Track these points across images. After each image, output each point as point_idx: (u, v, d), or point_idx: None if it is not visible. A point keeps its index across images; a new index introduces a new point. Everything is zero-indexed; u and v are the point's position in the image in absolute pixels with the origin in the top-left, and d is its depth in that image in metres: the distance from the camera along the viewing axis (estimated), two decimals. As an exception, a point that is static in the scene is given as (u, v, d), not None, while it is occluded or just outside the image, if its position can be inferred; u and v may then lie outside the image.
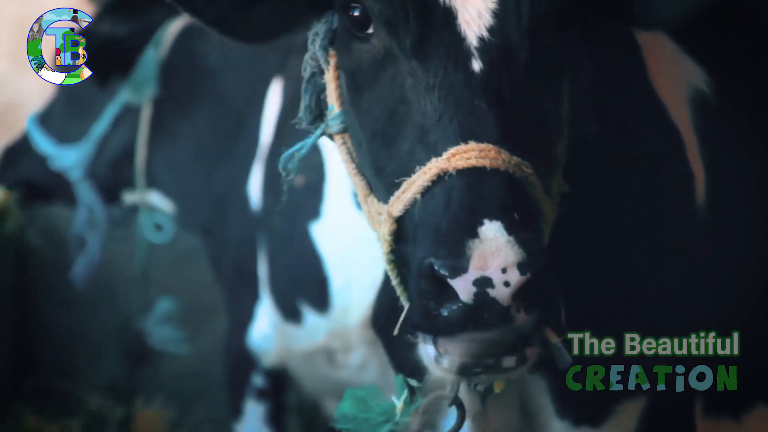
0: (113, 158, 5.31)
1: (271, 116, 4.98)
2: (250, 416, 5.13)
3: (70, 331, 6.54)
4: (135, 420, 6.31)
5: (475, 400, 2.93)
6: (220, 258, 5.24)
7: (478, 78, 2.60)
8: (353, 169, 2.83)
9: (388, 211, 2.64)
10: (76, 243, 5.47)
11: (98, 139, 5.28)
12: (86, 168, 5.30)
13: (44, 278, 6.49)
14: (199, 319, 6.12)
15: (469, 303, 2.45)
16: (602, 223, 2.96)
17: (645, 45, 3.12)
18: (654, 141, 3.06)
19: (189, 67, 5.24)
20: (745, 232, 3.20)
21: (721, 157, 3.18)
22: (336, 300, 4.76)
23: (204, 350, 6.03)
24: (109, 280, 6.49)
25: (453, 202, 2.52)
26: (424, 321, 2.51)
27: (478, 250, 2.44)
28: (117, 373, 6.42)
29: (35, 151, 5.40)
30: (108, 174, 5.34)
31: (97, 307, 6.52)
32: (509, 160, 2.54)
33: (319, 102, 2.95)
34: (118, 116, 5.28)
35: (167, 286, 6.02)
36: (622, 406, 2.98)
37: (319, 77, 2.94)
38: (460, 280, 2.44)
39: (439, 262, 2.45)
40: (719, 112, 3.24)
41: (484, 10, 2.63)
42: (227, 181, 5.13)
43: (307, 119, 2.96)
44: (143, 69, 5.23)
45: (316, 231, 4.74)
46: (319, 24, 2.89)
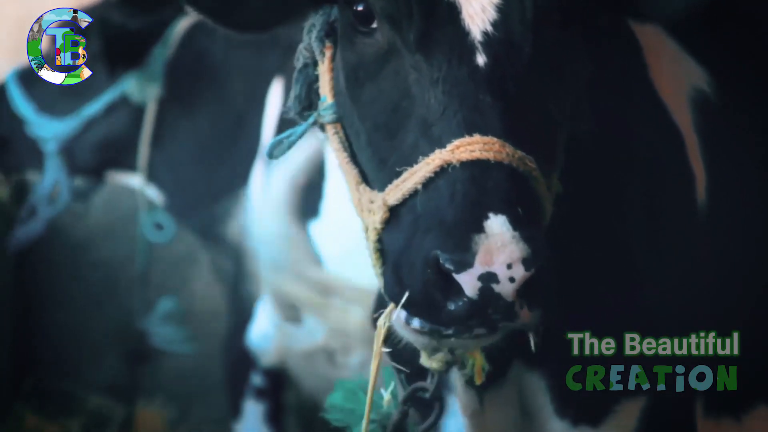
0: (97, 141, 5.31)
1: (272, 116, 4.98)
2: (250, 415, 5.13)
3: (71, 331, 6.54)
4: (135, 420, 6.31)
5: (473, 399, 2.93)
6: (219, 258, 5.24)
7: (482, 72, 2.60)
8: (345, 158, 2.82)
9: (384, 198, 2.63)
10: (27, 212, 5.46)
11: (86, 120, 5.28)
12: (63, 143, 5.29)
13: (44, 278, 6.49)
14: (199, 320, 6.12)
15: (474, 298, 2.45)
16: (602, 222, 2.96)
17: (646, 44, 3.12)
18: (655, 141, 3.06)
19: (193, 66, 5.25)
20: (745, 232, 3.20)
21: (721, 157, 3.17)
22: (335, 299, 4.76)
23: (204, 350, 6.03)
24: (109, 280, 6.49)
25: (457, 195, 2.51)
26: (427, 312, 2.51)
27: (484, 245, 2.44)
28: (117, 373, 6.41)
29: (10, 107, 5.37)
30: (87, 155, 5.33)
31: (97, 307, 6.52)
32: (513, 154, 2.54)
33: (310, 92, 2.94)
34: (112, 103, 5.28)
35: (167, 286, 6.02)
36: (621, 406, 2.98)
37: (311, 68, 2.94)
38: (465, 275, 2.44)
39: (444, 256, 2.45)
40: (720, 112, 3.23)
41: (488, 5, 2.63)
42: (228, 181, 5.13)
43: (296, 109, 2.96)
44: (151, 66, 5.23)
45: (315, 230, 4.74)
46: (317, 15, 2.89)
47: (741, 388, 3.00)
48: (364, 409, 2.87)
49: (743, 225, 3.20)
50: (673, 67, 3.21)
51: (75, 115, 5.28)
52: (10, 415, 6.22)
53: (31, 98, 5.33)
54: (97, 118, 5.29)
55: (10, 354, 6.34)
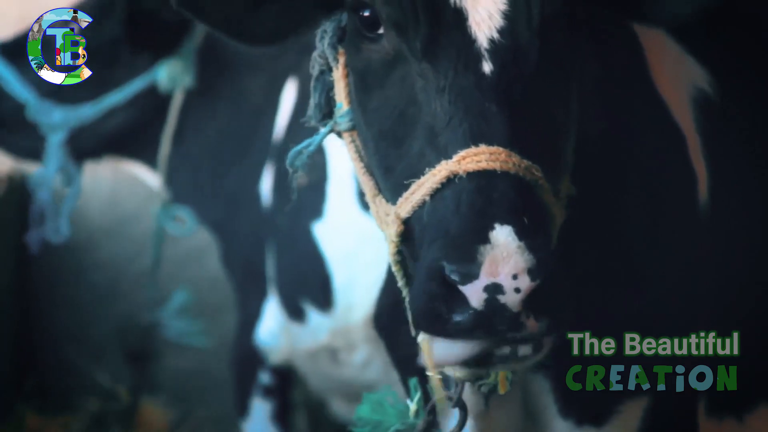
0: (113, 130, 5.15)
1: (285, 116, 4.97)
2: (257, 413, 5.13)
3: (72, 330, 6.54)
4: (137, 419, 6.31)
5: (479, 401, 2.93)
6: (230, 255, 5.23)
7: (489, 80, 2.60)
8: (361, 168, 2.83)
9: (396, 212, 2.63)
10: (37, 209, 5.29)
11: (107, 108, 5.11)
12: (74, 131, 5.12)
13: (46, 276, 6.50)
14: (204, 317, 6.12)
15: (480, 309, 2.44)
16: (603, 222, 2.96)
17: (648, 45, 3.12)
18: (656, 141, 3.06)
19: (217, 58, 5.20)
20: (746, 232, 3.20)
21: (723, 157, 3.17)
22: (339, 299, 4.77)
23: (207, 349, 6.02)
24: (110, 279, 6.50)
25: (463, 205, 2.51)
26: (432, 324, 2.49)
27: (489, 255, 2.43)
28: (119, 371, 6.41)
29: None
30: (98, 143, 5.16)
31: (98, 306, 6.52)
32: (519, 163, 2.53)
33: (329, 100, 2.93)
34: (139, 93, 5.20)
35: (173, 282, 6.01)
36: (625, 406, 2.98)
37: (327, 75, 2.92)
38: (470, 286, 2.43)
39: (450, 267, 2.44)
40: (722, 112, 3.23)
41: (495, 12, 2.63)
42: (241, 179, 5.12)
43: (317, 117, 2.96)
44: (184, 56, 5.16)
45: (319, 230, 4.74)
46: (328, 21, 2.88)
47: (742, 388, 3.00)
48: (392, 421, 2.89)
49: (744, 225, 3.20)
50: (675, 68, 3.21)
51: (94, 103, 5.15)
52: (11, 414, 6.22)
53: (30, 82, 5.08)
54: (120, 107, 5.21)
55: (11, 353, 6.35)
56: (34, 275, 6.46)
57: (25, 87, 5.09)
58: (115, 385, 6.40)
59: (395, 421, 2.89)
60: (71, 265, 6.46)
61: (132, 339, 6.13)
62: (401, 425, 2.90)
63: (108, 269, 6.50)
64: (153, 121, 5.18)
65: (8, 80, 5.10)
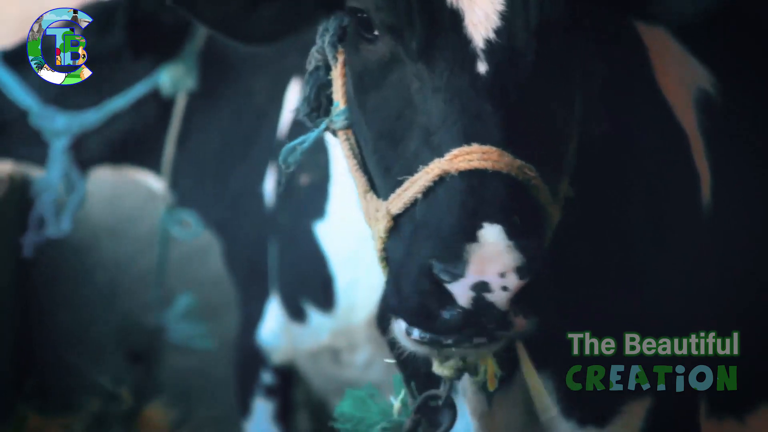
0: (117, 136, 5.18)
1: (288, 116, 4.97)
2: (259, 413, 5.14)
3: (73, 330, 6.54)
4: (138, 419, 6.31)
5: (482, 400, 2.93)
6: (232, 255, 5.23)
7: (484, 80, 2.60)
8: (354, 165, 2.83)
9: (387, 208, 2.64)
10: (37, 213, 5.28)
11: (110, 113, 5.14)
12: (78, 137, 5.15)
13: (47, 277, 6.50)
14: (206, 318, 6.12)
15: (468, 308, 2.45)
16: (605, 222, 2.95)
17: (651, 45, 3.11)
18: (659, 141, 3.05)
19: (220, 60, 5.20)
20: (748, 233, 3.19)
21: (726, 157, 3.17)
22: (341, 299, 4.77)
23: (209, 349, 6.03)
24: (112, 278, 6.50)
25: (454, 204, 2.52)
26: (422, 322, 2.51)
27: (477, 254, 2.44)
28: (120, 372, 6.42)
29: (2, 93, 5.15)
30: (102, 149, 5.18)
31: (99, 306, 6.52)
32: (512, 163, 2.54)
33: (319, 95, 2.94)
34: (142, 98, 5.22)
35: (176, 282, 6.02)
36: (627, 407, 2.97)
37: (322, 71, 2.93)
38: (457, 284, 2.45)
39: (439, 266, 2.46)
40: (725, 113, 3.23)
41: (492, 12, 2.62)
42: (244, 180, 5.12)
43: (305, 111, 2.96)
44: (186, 59, 5.17)
45: (321, 230, 4.74)
46: (330, 19, 2.88)
47: (742, 388, 3.00)
48: (375, 418, 2.89)
49: (746, 225, 3.20)
50: (678, 68, 3.20)
51: (97, 109, 5.15)
52: (12, 414, 6.23)
53: (33, 88, 5.11)
54: (123, 112, 5.21)
55: (12, 353, 6.35)
56: (35, 275, 6.46)
57: (28, 93, 5.11)
58: (116, 386, 6.40)
59: (378, 419, 2.90)
60: (72, 265, 6.46)
61: (133, 339, 6.14)
62: (387, 423, 2.90)
63: (109, 269, 6.51)
64: (156, 125, 5.20)
65: (11, 87, 5.12)
